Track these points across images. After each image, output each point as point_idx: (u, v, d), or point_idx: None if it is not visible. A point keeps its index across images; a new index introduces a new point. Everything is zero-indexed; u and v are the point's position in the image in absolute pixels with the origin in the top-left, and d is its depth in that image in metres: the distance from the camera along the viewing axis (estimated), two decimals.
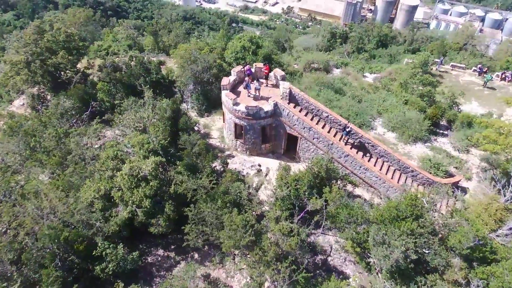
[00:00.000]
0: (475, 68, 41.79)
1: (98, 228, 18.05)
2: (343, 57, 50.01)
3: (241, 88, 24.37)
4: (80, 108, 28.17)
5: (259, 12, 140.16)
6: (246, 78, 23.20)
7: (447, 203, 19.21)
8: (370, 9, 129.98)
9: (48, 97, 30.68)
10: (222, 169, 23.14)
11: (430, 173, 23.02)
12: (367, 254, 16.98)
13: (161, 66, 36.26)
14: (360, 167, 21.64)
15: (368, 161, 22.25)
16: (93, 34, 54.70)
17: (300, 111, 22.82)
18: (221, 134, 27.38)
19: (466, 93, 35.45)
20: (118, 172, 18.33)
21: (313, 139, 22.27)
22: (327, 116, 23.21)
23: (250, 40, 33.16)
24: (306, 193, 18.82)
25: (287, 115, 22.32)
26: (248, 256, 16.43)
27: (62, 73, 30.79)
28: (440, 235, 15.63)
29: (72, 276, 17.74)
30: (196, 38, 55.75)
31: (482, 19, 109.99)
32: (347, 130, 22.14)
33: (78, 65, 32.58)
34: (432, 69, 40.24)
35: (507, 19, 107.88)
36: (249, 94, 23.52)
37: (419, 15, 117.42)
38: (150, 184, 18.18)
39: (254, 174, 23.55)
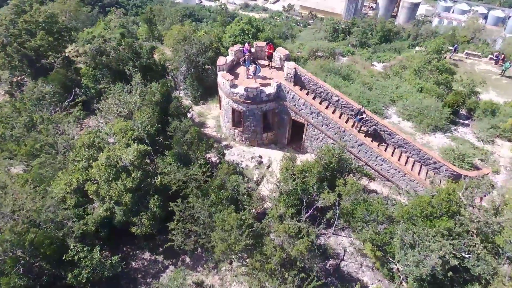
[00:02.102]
0: (492, 56, 39.01)
1: (69, 228, 15.26)
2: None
3: (240, 70, 21.56)
4: (62, 95, 25.40)
5: (260, 10, 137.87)
6: (246, 53, 20.35)
7: (481, 199, 16.40)
8: (372, 7, 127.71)
9: (28, 84, 27.83)
10: (218, 161, 20.36)
11: (455, 165, 20.22)
12: (389, 259, 14.17)
13: (154, 53, 33.58)
14: (376, 157, 18.83)
15: (385, 151, 19.43)
16: (85, 24, 51.99)
17: (307, 95, 20.00)
18: (217, 123, 24.60)
19: (479, 85, 32.60)
20: (94, 163, 15.53)
21: (322, 126, 19.46)
22: (338, 100, 20.39)
23: (249, 22, 30.38)
24: (315, 187, 16.03)
25: (292, 98, 19.51)
26: (247, 261, 13.67)
27: (43, 58, 27.94)
28: (479, 237, 12.80)
29: (40, 284, 15.04)
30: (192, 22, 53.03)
31: (485, 17, 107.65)
32: (361, 116, 19.34)
33: (66, 53, 29.94)
34: (445, 57, 37.43)
35: (510, 16, 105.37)
36: (248, 75, 20.69)
37: (421, 13, 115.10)
38: (132, 176, 15.40)
39: (255, 166, 20.75)
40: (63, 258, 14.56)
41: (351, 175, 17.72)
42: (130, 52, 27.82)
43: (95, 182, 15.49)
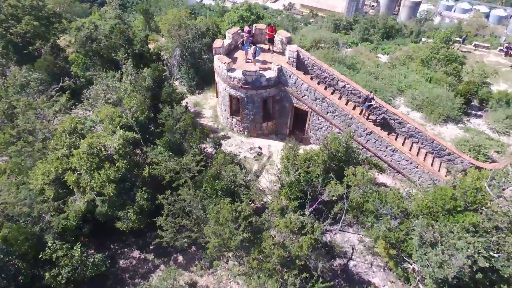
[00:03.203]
0: (502, 48, 37.43)
1: (47, 223, 13.72)
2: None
3: (238, 55, 19.98)
4: (49, 83, 23.87)
5: (260, 9, 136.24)
6: (244, 35, 18.76)
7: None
8: (373, 6, 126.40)
9: (12, 69, 26.25)
10: (214, 153, 18.84)
11: (470, 157, 18.65)
12: (404, 258, 12.62)
13: (148, 42, 32.03)
14: (386, 147, 17.27)
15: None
16: (80, 17, 50.39)
17: (310, 80, 18.43)
18: (214, 113, 23.04)
19: (491, 76, 30.98)
20: (75, 151, 13.98)
21: (327, 113, 17.89)
22: (344, 86, 18.82)
23: (249, 9, 28.79)
24: (320, 178, 14.50)
25: (295, 83, 17.94)
26: (244, 260, 12.14)
27: (31, 45, 26.36)
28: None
29: (16, 285, 13.56)
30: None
31: (487, 16, 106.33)
32: (369, 103, 17.79)
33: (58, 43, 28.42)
34: (453, 48, 35.87)
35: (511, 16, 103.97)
36: (247, 59, 19.12)
37: (423, 10, 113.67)
38: (117, 165, 13.85)
39: (254, 158, 19.20)
40: (40, 256, 13.08)
41: (358, 166, 16.20)
42: (122, 39, 26.28)
43: (77, 172, 13.94)
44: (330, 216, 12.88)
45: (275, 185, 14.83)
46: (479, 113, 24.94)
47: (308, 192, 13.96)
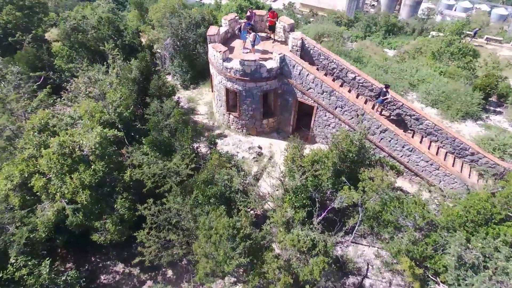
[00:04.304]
0: None
1: (10, 235, 11.71)
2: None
3: (235, 44, 17.97)
4: (30, 77, 21.83)
5: None
6: (242, 21, 16.75)
7: None
8: (373, 5, 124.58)
9: None
10: (209, 152, 16.85)
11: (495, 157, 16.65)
12: (430, 277, 10.60)
13: (141, 35, 30.08)
14: (403, 147, 15.26)
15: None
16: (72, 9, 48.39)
17: (317, 71, 16.41)
18: (210, 109, 21.02)
19: (506, 69, 28.93)
20: (44, 151, 11.97)
21: (336, 108, 15.88)
22: (354, 78, 16.81)
23: None
24: (330, 182, 12.50)
25: (299, 74, 15.92)
26: (244, 277, 10.14)
27: (12, 36, 24.34)
28: None
29: None
30: None
31: (488, 14, 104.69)
32: (384, 97, 15.79)
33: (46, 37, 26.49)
34: (464, 41, 33.83)
35: None
36: (245, 48, 17.10)
37: (426, 7, 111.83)
38: (92, 168, 11.84)
39: (253, 159, 17.19)
40: (0, 276, 11.08)
41: (372, 168, 14.19)
42: (112, 29, 24.31)
43: (46, 175, 11.93)
44: (344, 229, 10.82)
45: (277, 190, 12.82)
46: (498, 109, 22.91)
47: (316, 199, 11.95)
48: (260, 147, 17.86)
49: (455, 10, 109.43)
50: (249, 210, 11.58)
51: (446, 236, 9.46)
